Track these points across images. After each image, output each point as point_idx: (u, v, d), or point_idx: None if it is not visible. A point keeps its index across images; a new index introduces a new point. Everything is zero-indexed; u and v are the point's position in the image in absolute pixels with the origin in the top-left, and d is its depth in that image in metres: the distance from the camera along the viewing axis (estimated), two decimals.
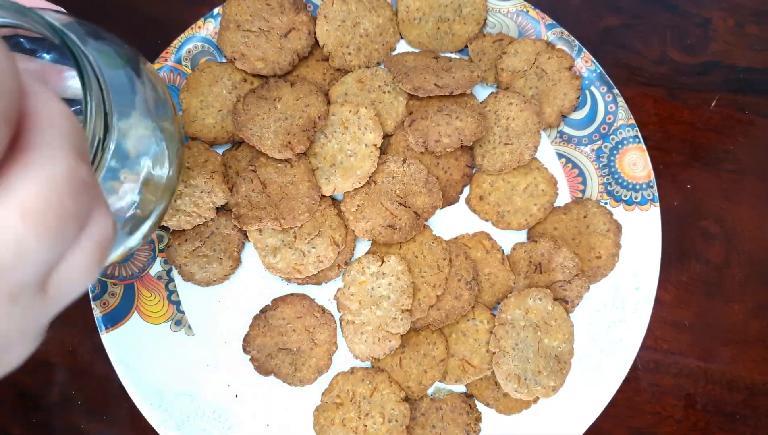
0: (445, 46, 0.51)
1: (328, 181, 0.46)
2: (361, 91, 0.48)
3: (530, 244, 0.47)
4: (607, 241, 0.46)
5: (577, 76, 0.49)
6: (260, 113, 0.46)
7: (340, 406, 0.44)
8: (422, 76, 0.46)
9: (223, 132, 0.48)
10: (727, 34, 0.54)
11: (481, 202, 0.48)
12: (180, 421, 0.44)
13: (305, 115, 0.46)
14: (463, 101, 0.48)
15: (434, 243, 0.46)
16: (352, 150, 0.46)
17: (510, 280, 0.46)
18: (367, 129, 0.46)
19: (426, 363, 0.44)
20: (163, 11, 0.54)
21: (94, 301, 0.45)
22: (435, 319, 0.44)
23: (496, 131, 0.48)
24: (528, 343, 0.44)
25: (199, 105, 0.48)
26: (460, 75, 0.47)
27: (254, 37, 0.47)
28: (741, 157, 0.52)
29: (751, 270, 0.50)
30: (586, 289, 0.45)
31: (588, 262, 0.46)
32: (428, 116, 0.46)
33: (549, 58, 0.49)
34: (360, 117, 0.46)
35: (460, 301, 0.45)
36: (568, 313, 0.45)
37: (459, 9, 0.50)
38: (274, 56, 0.47)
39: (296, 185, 0.46)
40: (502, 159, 0.47)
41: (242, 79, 0.49)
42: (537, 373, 0.43)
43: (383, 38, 0.50)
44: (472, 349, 0.45)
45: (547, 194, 0.47)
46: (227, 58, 0.48)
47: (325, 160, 0.47)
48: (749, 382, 0.48)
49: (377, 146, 0.46)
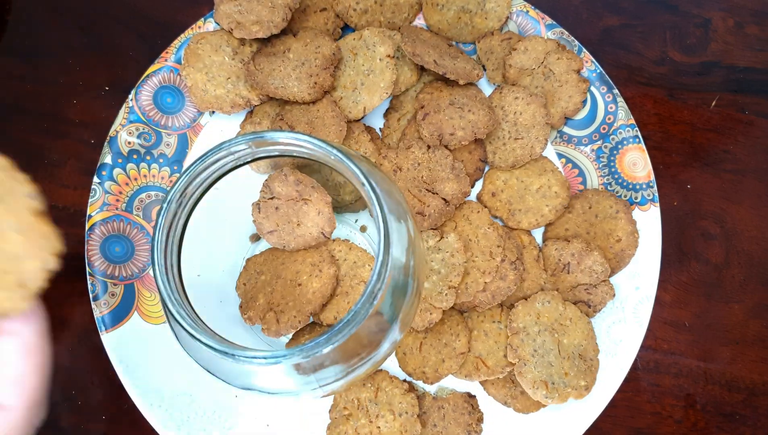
0: (463, 37, 0.51)
1: (356, 103, 0.47)
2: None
3: (562, 243, 0.46)
4: (621, 222, 0.46)
5: (584, 79, 0.49)
6: (276, 67, 0.47)
7: (350, 416, 0.44)
8: (427, 50, 0.46)
9: (238, 98, 0.48)
10: (727, 34, 0.54)
11: (493, 198, 0.48)
12: (180, 421, 0.44)
13: (320, 55, 0.47)
14: (471, 94, 0.48)
15: (490, 228, 0.45)
16: (368, 68, 0.47)
17: (541, 278, 0.46)
18: (375, 45, 0.47)
19: (445, 353, 0.44)
20: (163, 11, 0.54)
21: (94, 301, 0.45)
22: (482, 301, 0.44)
23: (505, 127, 0.48)
24: (547, 347, 0.44)
25: (206, 78, 0.48)
26: (461, 66, 0.47)
27: (246, 2, 0.47)
28: (741, 157, 0.52)
29: (751, 270, 0.50)
30: (612, 296, 0.45)
31: (610, 249, 0.46)
32: (441, 109, 0.46)
33: (558, 58, 0.49)
34: (365, 38, 0.47)
35: (505, 282, 0.44)
36: (589, 317, 0.45)
37: (483, 3, 0.50)
38: (267, 16, 0.47)
39: (321, 118, 0.46)
40: (513, 154, 0.47)
41: (240, 43, 0.49)
42: (564, 375, 0.43)
43: (393, 16, 0.50)
44: (490, 350, 0.45)
45: (559, 197, 0.47)
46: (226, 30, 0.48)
47: (346, 88, 0.47)
48: (749, 382, 0.48)
49: (391, 56, 0.47)
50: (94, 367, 0.47)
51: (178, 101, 0.49)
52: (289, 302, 0.43)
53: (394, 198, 0.32)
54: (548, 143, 0.49)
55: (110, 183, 0.47)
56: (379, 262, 0.28)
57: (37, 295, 0.28)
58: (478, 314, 0.46)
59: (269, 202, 0.44)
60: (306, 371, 0.30)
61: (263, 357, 0.27)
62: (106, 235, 0.46)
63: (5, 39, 0.53)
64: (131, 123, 0.48)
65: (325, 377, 0.31)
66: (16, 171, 0.28)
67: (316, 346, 0.27)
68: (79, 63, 0.53)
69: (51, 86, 0.52)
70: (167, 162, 0.49)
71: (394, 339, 0.33)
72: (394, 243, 0.29)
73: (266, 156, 0.33)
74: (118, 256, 0.46)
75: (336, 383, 0.31)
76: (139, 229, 0.47)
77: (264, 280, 0.44)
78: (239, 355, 0.27)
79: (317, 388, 0.31)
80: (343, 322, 0.27)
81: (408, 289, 0.32)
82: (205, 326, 0.29)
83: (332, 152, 0.30)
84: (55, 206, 0.50)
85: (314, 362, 0.29)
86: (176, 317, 0.28)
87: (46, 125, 0.52)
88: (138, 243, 0.47)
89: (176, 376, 0.45)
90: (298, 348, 0.27)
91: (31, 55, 0.53)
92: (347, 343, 0.28)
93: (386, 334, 0.31)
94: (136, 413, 0.44)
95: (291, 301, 0.43)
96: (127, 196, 0.47)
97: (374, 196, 0.29)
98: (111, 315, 0.45)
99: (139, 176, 0.48)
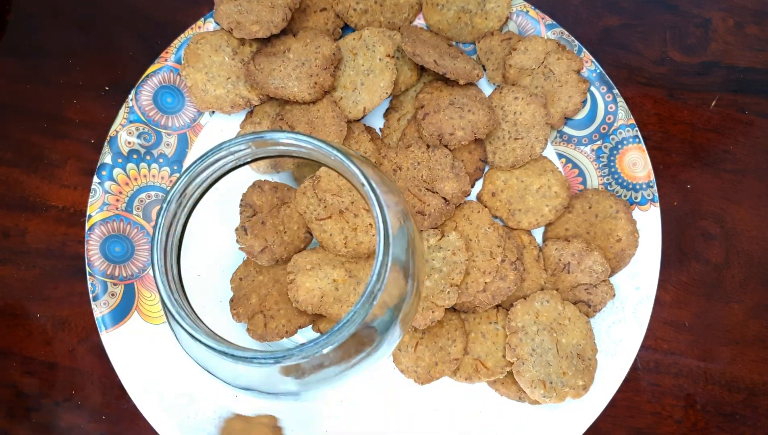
0: (463, 37, 0.51)
1: (356, 103, 0.47)
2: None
3: (562, 243, 0.46)
4: (621, 222, 0.46)
5: (584, 80, 0.49)
6: (276, 67, 0.47)
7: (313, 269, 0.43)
8: (427, 50, 0.46)
9: (238, 98, 0.48)
10: (727, 34, 0.54)
11: (493, 198, 0.48)
12: (180, 421, 0.44)
13: (320, 55, 0.47)
14: (471, 94, 0.48)
15: (490, 228, 0.45)
16: (367, 68, 0.47)
17: (541, 278, 0.46)
18: (375, 45, 0.47)
19: (439, 356, 0.44)
20: (163, 11, 0.54)
21: (94, 301, 0.45)
22: (482, 302, 0.44)
23: (505, 127, 0.48)
24: (545, 346, 0.44)
25: (206, 78, 0.48)
26: (461, 66, 0.47)
27: (246, 2, 0.47)
28: (741, 157, 0.52)
29: (751, 270, 0.50)
30: (612, 296, 0.45)
31: (610, 249, 0.46)
32: (440, 109, 0.46)
33: (558, 58, 0.49)
34: (365, 38, 0.47)
35: (505, 282, 0.44)
36: (589, 317, 0.45)
37: (483, 3, 0.50)
38: (267, 16, 0.47)
39: (322, 118, 0.46)
40: (513, 154, 0.47)
41: (240, 43, 0.49)
42: (562, 374, 0.43)
43: (393, 16, 0.50)
44: (488, 352, 0.45)
45: (559, 197, 0.47)
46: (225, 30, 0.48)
47: (346, 88, 0.47)
48: (749, 382, 0.48)
49: (391, 56, 0.47)
50: (94, 367, 0.48)
51: (178, 101, 0.49)
52: (281, 310, 0.43)
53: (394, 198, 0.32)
54: (548, 143, 0.49)
55: (110, 183, 0.47)
56: (379, 263, 0.28)
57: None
58: (475, 316, 0.46)
59: (253, 219, 0.44)
60: (305, 372, 0.30)
61: (262, 358, 0.27)
62: (106, 235, 0.46)
63: (5, 39, 0.53)
64: (131, 123, 0.48)
65: (324, 377, 0.31)
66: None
67: (315, 346, 0.27)
68: (79, 63, 0.53)
69: (51, 86, 0.52)
70: (167, 162, 0.49)
71: (394, 338, 0.33)
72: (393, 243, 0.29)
73: (266, 156, 0.33)
74: (118, 256, 0.46)
75: (336, 383, 0.31)
76: (139, 229, 0.47)
77: (261, 281, 0.44)
78: (238, 356, 0.27)
79: (317, 388, 0.31)
80: (342, 322, 0.27)
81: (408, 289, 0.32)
82: (204, 326, 0.29)
83: (332, 153, 0.30)
84: (55, 206, 0.50)
85: (314, 363, 0.29)
86: (176, 317, 0.28)
87: (46, 125, 0.52)
88: (138, 243, 0.47)
89: (176, 376, 0.45)
90: (297, 349, 0.27)
91: (31, 55, 0.53)
92: (347, 344, 0.28)
93: (386, 333, 0.31)
94: (136, 413, 0.44)
95: (283, 310, 0.43)
96: (127, 196, 0.47)
97: (374, 196, 0.29)
98: (111, 315, 0.45)
99: (139, 176, 0.48)
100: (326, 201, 0.43)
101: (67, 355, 0.48)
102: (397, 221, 0.31)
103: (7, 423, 0.47)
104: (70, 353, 0.48)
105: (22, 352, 0.48)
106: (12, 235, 0.50)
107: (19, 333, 0.48)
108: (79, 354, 0.48)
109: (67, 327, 0.48)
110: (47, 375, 0.48)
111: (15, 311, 0.49)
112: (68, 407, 0.47)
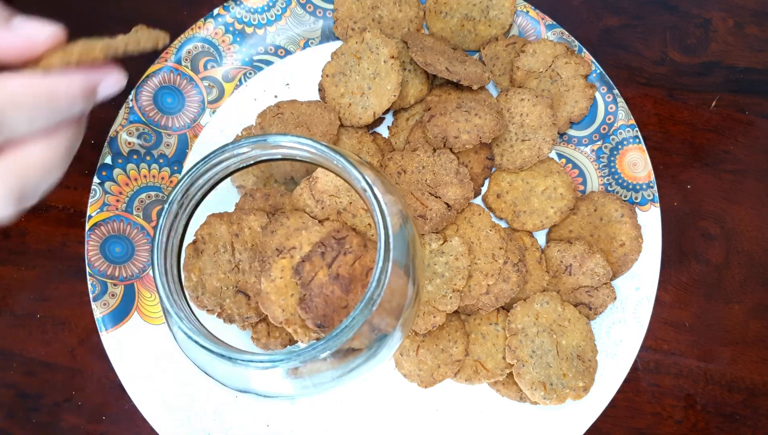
0: (466, 45, 0.51)
1: (365, 109, 0.47)
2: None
3: (564, 245, 0.46)
4: (626, 226, 0.46)
5: (591, 85, 0.48)
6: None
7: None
8: (436, 57, 0.46)
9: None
10: (726, 35, 0.54)
11: (498, 199, 0.48)
12: (180, 421, 0.44)
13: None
14: (480, 98, 0.48)
15: (492, 230, 0.45)
16: (373, 71, 0.47)
17: (543, 280, 0.46)
18: (378, 47, 0.47)
19: (441, 359, 0.44)
20: (163, 11, 0.54)
21: (95, 301, 0.45)
22: (485, 304, 0.44)
23: (512, 129, 0.48)
24: (545, 348, 0.44)
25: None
26: (472, 70, 0.47)
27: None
28: (741, 157, 0.52)
29: (751, 270, 0.50)
30: (613, 299, 0.45)
31: (613, 253, 0.46)
32: (447, 112, 0.46)
33: (566, 63, 0.49)
34: (367, 41, 0.47)
35: (508, 284, 0.44)
36: (590, 319, 0.45)
37: (486, 10, 0.50)
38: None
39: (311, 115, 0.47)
40: (521, 156, 0.47)
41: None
42: (562, 376, 0.43)
43: (393, 32, 0.50)
44: (488, 353, 0.45)
45: (565, 199, 0.47)
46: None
47: (354, 93, 0.47)
48: (749, 382, 0.48)
49: (395, 57, 0.46)
50: (94, 367, 0.48)
51: (178, 101, 0.49)
52: None
53: (396, 203, 0.32)
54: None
55: (110, 183, 0.47)
56: (379, 268, 0.28)
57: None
58: (475, 317, 0.46)
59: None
60: (303, 375, 0.30)
61: (260, 361, 0.27)
62: (106, 236, 0.46)
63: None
64: (131, 123, 0.48)
65: (322, 381, 0.31)
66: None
67: (313, 351, 0.27)
68: None
69: None
70: (167, 162, 0.49)
71: (394, 343, 0.33)
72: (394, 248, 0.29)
73: (269, 159, 0.33)
74: (118, 257, 0.46)
75: (333, 387, 0.31)
76: (139, 230, 0.47)
77: None
78: (237, 359, 0.27)
79: (314, 392, 0.31)
80: (341, 327, 0.27)
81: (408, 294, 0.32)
82: (203, 328, 0.29)
83: (335, 157, 0.30)
84: (56, 207, 0.50)
85: (312, 366, 0.29)
86: (175, 319, 0.28)
87: None
88: (138, 243, 0.47)
89: (176, 376, 0.45)
90: (295, 353, 0.27)
91: None
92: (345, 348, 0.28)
93: (385, 338, 0.31)
94: (136, 413, 0.44)
95: None
96: (127, 196, 0.47)
97: (376, 202, 0.29)
98: (111, 315, 0.45)
99: (139, 176, 0.48)
100: (324, 202, 0.43)
101: (67, 356, 0.48)
102: (397, 226, 0.31)
103: (7, 423, 0.47)
104: (70, 353, 0.48)
105: (22, 352, 0.48)
106: (12, 235, 0.50)
107: (19, 333, 0.48)
108: (79, 354, 0.48)
109: (67, 327, 0.48)
110: (47, 375, 0.48)
111: (15, 311, 0.49)
112: (68, 408, 0.47)
